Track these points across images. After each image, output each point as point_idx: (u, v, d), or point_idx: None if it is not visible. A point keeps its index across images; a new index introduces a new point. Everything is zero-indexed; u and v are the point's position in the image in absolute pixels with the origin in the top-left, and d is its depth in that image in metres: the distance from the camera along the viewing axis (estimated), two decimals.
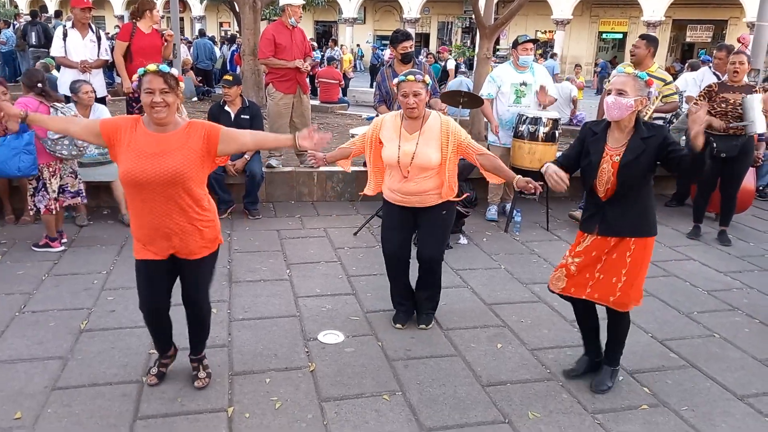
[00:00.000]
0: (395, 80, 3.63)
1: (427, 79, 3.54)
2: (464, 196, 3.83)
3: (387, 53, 21.95)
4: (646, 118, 5.46)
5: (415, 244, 3.95)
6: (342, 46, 22.98)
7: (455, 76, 13.62)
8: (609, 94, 2.98)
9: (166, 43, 6.62)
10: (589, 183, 3.09)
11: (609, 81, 3.39)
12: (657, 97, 5.71)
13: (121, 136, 2.75)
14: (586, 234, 3.15)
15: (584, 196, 3.26)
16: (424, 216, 3.71)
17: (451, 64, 14.31)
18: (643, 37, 5.99)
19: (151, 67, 2.68)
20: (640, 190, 3.03)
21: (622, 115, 2.94)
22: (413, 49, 5.82)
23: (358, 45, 27.34)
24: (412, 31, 34.22)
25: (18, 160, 4.62)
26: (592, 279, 3.11)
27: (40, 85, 4.77)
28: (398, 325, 3.85)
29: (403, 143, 3.58)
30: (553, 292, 3.26)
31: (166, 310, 3.03)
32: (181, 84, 2.77)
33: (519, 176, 3.52)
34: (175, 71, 2.74)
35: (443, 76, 15.36)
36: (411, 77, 3.48)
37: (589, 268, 3.11)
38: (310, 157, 3.59)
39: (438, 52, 16.63)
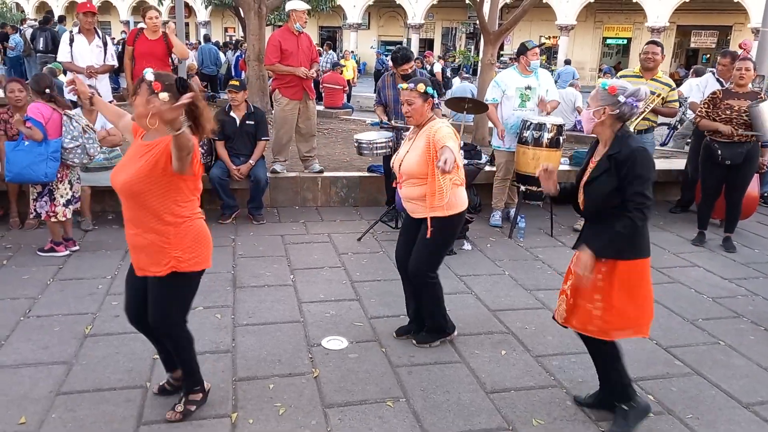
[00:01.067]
0: (399, 86, 3.72)
1: (421, 87, 3.44)
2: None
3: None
4: (634, 122, 5.47)
5: None
6: (345, 51, 22.83)
7: (443, 80, 13.64)
8: None
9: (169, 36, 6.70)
10: (574, 198, 2.96)
11: None
12: (651, 99, 5.67)
13: (135, 133, 2.80)
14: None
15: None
16: (419, 226, 3.58)
17: (437, 68, 14.34)
18: (656, 43, 6.00)
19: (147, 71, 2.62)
20: (612, 209, 2.75)
21: (589, 128, 2.84)
22: (413, 70, 5.88)
23: (352, 51, 27.01)
24: (416, 36, 34.44)
25: (45, 166, 4.65)
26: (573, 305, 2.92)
27: (48, 90, 4.80)
28: (393, 334, 3.81)
29: (401, 148, 3.69)
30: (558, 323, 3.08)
31: (145, 321, 2.88)
32: (163, 95, 2.44)
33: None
34: (150, 76, 2.54)
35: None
36: (404, 86, 3.53)
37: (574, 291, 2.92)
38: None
39: (423, 56, 16.56)
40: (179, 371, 3.03)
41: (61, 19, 16.67)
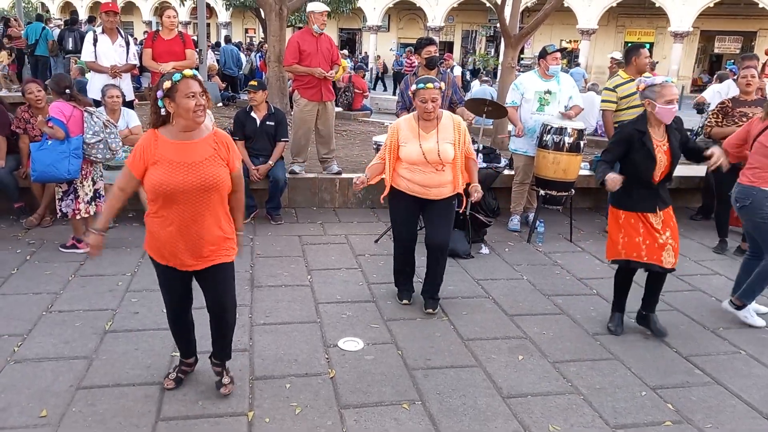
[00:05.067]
0: (412, 87, 3.89)
1: (442, 85, 3.93)
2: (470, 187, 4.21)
3: (408, 59, 21.89)
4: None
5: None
6: (341, 53, 22.29)
7: (462, 83, 13.60)
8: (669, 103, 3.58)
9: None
10: (650, 173, 3.67)
11: (655, 90, 3.67)
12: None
13: (146, 157, 2.72)
14: (645, 213, 3.75)
15: (621, 188, 3.68)
16: (435, 206, 4.04)
17: (457, 71, 14.27)
18: (643, 46, 6.17)
19: (188, 72, 2.70)
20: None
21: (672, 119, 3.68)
22: (437, 53, 5.83)
23: (349, 54, 26.24)
24: (435, 39, 34.40)
25: (68, 164, 4.70)
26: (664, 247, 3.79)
27: (68, 90, 4.85)
28: (405, 301, 4.27)
29: (423, 142, 3.91)
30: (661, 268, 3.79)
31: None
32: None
33: (474, 184, 4.06)
34: (200, 76, 2.84)
35: None
36: (430, 85, 3.79)
37: (674, 237, 3.83)
38: (355, 185, 4.00)
39: (443, 59, 16.47)
40: (194, 358, 3.27)
41: (91, 19, 16.87)
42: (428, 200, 4.03)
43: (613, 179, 3.63)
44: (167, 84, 2.65)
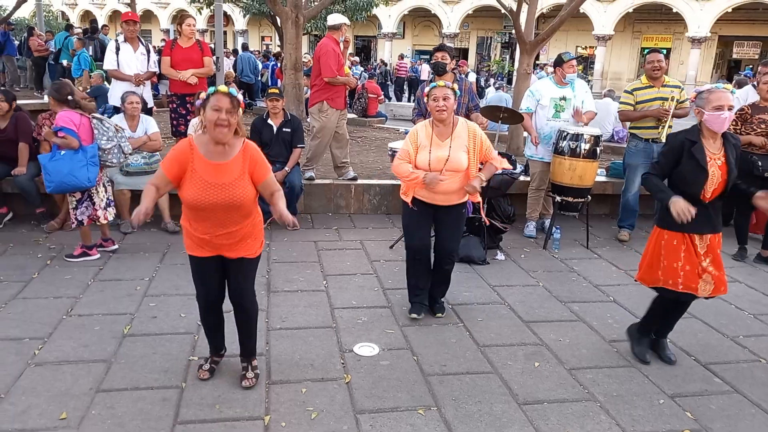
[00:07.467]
0: (426, 89, 3.95)
1: (455, 86, 3.89)
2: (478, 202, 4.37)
3: (425, 68, 21.94)
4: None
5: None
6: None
7: (477, 90, 13.64)
8: (719, 109, 3.27)
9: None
10: (699, 187, 3.35)
11: (703, 97, 3.38)
12: (668, 104, 5.72)
13: (182, 161, 2.95)
14: (691, 235, 3.42)
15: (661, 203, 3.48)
16: (445, 213, 4.02)
17: (472, 78, 14.27)
18: (659, 51, 6.11)
19: (222, 87, 2.88)
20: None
21: (728, 127, 3.38)
22: (445, 60, 5.83)
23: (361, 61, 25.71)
24: (450, 45, 34.43)
25: (87, 171, 4.69)
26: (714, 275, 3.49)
27: (70, 97, 4.75)
28: (414, 315, 4.12)
29: (435, 149, 3.87)
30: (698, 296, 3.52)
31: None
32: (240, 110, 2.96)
33: (478, 175, 3.90)
34: (240, 97, 2.95)
35: None
36: (440, 83, 3.85)
37: (715, 265, 3.50)
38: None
39: (458, 66, 16.48)
40: (224, 349, 3.47)
41: (103, 27, 17.08)
42: (438, 207, 4.00)
43: (683, 209, 3.24)
44: (203, 95, 2.91)
